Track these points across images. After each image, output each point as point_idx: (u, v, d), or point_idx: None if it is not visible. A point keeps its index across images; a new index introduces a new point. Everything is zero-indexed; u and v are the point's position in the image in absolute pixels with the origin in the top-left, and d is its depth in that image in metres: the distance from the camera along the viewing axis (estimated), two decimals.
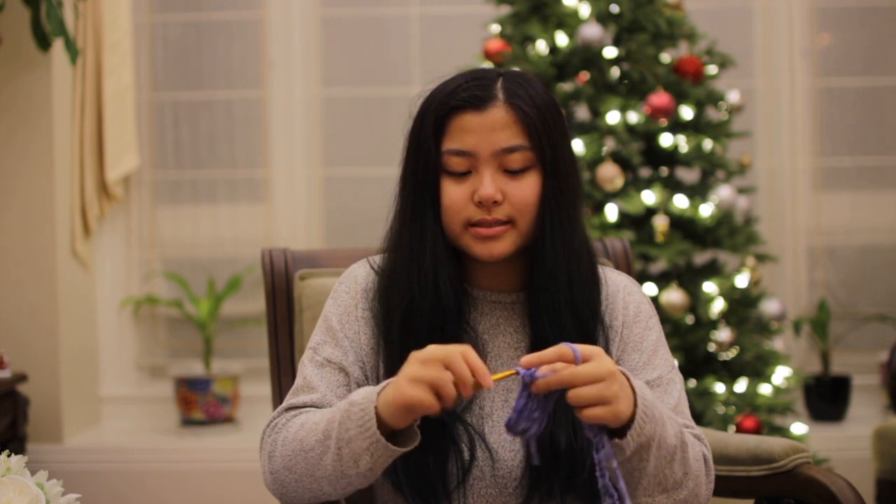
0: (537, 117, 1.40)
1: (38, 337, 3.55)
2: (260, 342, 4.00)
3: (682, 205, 3.14)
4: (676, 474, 1.32)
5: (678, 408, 1.44)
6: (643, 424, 1.25)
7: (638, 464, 1.28)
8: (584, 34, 3.15)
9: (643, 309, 1.51)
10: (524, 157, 1.40)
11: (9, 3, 3.20)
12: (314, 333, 1.51)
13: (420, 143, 1.43)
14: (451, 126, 1.41)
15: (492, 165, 1.40)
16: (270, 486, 1.40)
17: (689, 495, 1.34)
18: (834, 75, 4.04)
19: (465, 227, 1.42)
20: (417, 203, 1.44)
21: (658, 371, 1.46)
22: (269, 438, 1.40)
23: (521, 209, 1.41)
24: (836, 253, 4.06)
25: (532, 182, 1.41)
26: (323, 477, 1.33)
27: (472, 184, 1.41)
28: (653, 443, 1.27)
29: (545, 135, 1.41)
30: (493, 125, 1.39)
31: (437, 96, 1.43)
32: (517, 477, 1.42)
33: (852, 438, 3.56)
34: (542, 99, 1.43)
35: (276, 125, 4.08)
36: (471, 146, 1.40)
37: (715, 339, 3.10)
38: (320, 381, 1.44)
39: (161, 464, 3.65)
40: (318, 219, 4.10)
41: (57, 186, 3.56)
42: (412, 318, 1.42)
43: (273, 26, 4.07)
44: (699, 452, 1.37)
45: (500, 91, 1.41)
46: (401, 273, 1.44)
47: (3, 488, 1.22)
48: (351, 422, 1.28)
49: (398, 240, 1.46)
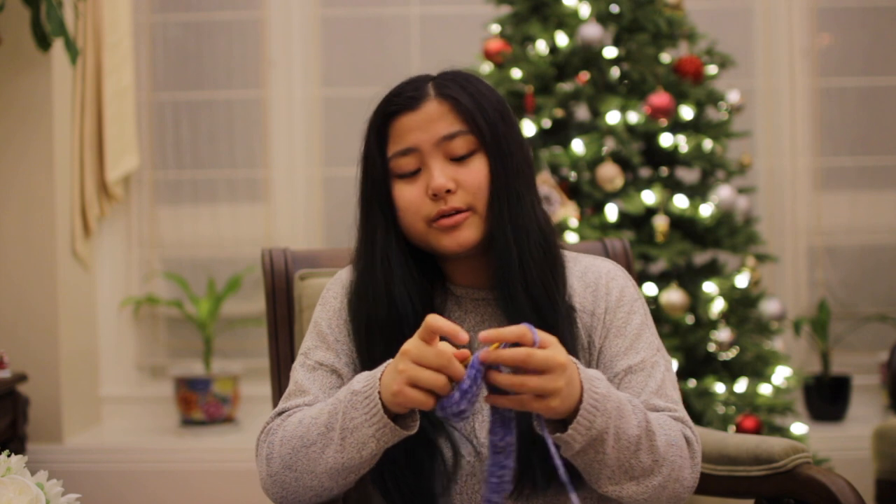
0: (470, 102, 1.44)
1: (38, 337, 3.56)
2: (260, 342, 4.00)
3: (682, 205, 3.14)
4: (644, 463, 1.31)
5: (661, 390, 1.43)
6: (592, 419, 1.25)
7: (595, 456, 1.28)
8: (584, 34, 3.15)
9: (627, 293, 1.50)
10: (466, 141, 1.44)
11: (9, 3, 3.21)
12: (305, 340, 1.52)
13: (367, 155, 1.49)
14: (392, 131, 1.46)
15: (438, 156, 1.44)
16: (269, 489, 1.40)
17: (665, 480, 1.34)
18: (834, 75, 4.05)
19: (428, 225, 1.44)
20: (370, 216, 1.49)
21: (641, 355, 1.45)
22: (265, 442, 1.40)
23: (476, 193, 1.43)
24: (836, 253, 4.06)
25: (480, 165, 1.44)
26: (324, 471, 1.33)
27: (424, 180, 1.44)
28: (607, 435, 1.27)
29: (481, 117, 1.44)
30: (430, 118, 1.44)
31: (377, 109, 1.48)
32: None
33: (852, 438, 3.56)
34: (476, 87, 1.46)
35: (276, 125, 4.09)
36: (412, 142, 1.44)
37: (715, 339, 3.10)
38: (312, 384, 1.45)
39: (161, 464, 3.65)
40: (318, 219, 4.10)
41: (57, 186, 3.56)
42: (373, 328, 1.45)
43: (273, 26, 4.07)
44: (677, 436, 1.36)
45: (430, 88, 1.46)
46: (359, 286, 1.48)
47: (3, 488, 1.22)
48: (356, 410, 1.29)
49: (356, 255, 1.51)
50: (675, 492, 1.35)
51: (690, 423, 1.42)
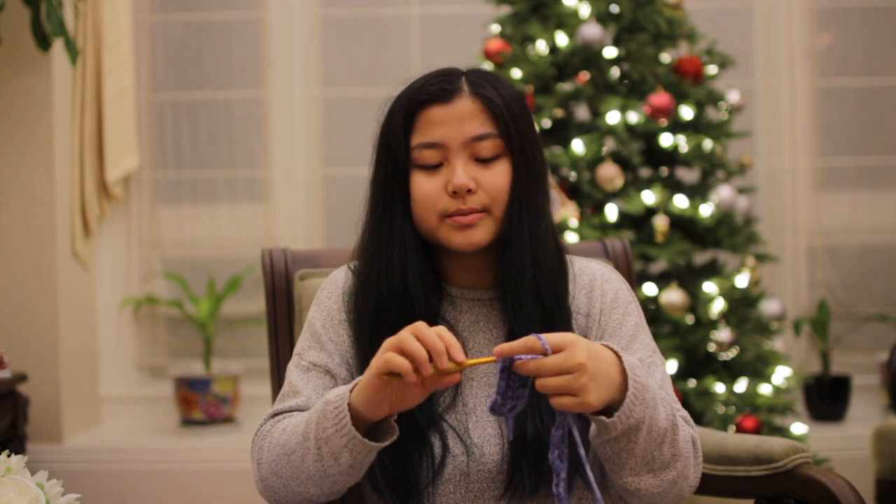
0: (503, 106, 1.43)
1: (38, 337, 3.55)
2: (260, 342, 4.00)
3: (682, 205, 3.14)
4: (665, 456, 1.32)
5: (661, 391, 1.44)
6: (633, 407, 1.26)
7: (626, 445, 1.29)
8: (584, 34, 3.15)
9: (621, 295, 1.51)
10: (494, 144, 1.43)
11: (9, 3, 3.20)
12: (299, 340, 1.52)
13: (389, 141, 1.45)
14: (420, 120, 1.44)
15: (463, 155, 1.42)
16: (262, 492, 1.41)
17: (677, 476, 1.34)
18: (834, 75, 4.04)
19: (441, 219, 1.43)
20: (388, 201, 1.46)
21: (638, 355, 1.45)
22: (257, 445, 1.41)
23: (495, 196, 1.43)
24: (836, 253, 4.06)
25: (503, 169, 1.43)
26: (308, 478, 1.34)
27: (445, 175, 1.43)
28: (643, 426, 1.27)
29: (512, 123, 1.44)
30: (461, 115, 1.42)
31: (404, 95, 1.46)
32: (498, 472, 1.42)
33: (852, 438, 3.56)
34: (507, 90, 1.46)
35: (276, 125, 4.09)
36: (440, 137, 1.42)
37: (715, 339, 3.10)
38: (305, 385, 1.45)
39: (161, 464, 3.65)
40: (318, 219, 4.10)
41: (57, 186, 3.56)
42: (381, 315, 1.44)
43: (273, 26, 4.07)
44: (688, 435, 1.37)
45: (465, 84, 1.44)
46: (370, 273, 1.46)
47: (3, 488, 1.22)
48: (327, 420, 1.29)
49: (368, 241, 1.48)
50: (681, 489, 1.36)
51: (693, 424, 1.42)
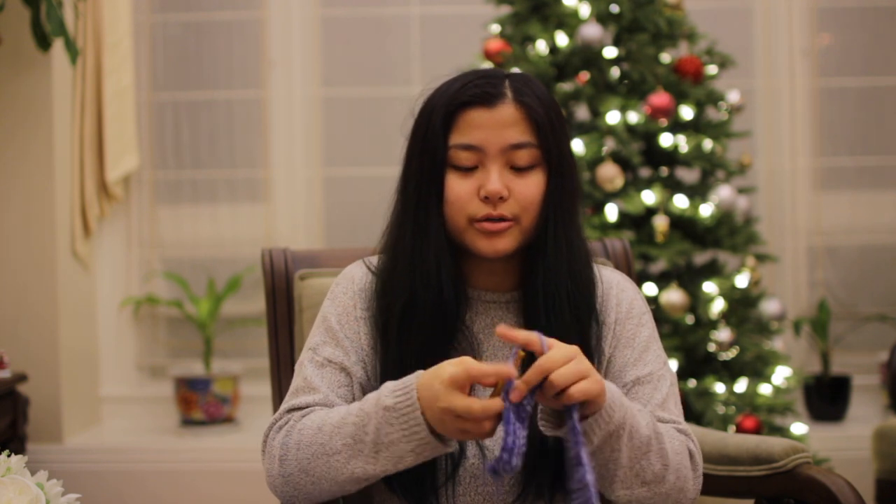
0: (545, 116, 1.42)
1: (38, 337, 3.55)
2: (260, 342, 4.00)
3: (682, 205, 3.14)
4: (654, 466, 1.32)
5: (665, 404, 1.45)
6: (611, 411, 1.26)
7: (610, 454, 1.29)
8: (584, 34, 3.15)
9: (636, 306, 1.51)
10: (531, 154, 1.42)
11: (9, 3, 3.21)
12: (312, 334, 1.50)
13: (427, 137, 1.44)
14: (460, 121, 1.42)
15: (499, 161, 1.41)
16: (279, 488, 1.38)
17: (671, 489, 1.34)
18: (834, 75, 4.04)
19: (469, 223, 1.42)
20: (422, 197, 1.44)
21: (649, 367, 1.46)
22: (277, 441, 1.38)
23: (526, 206, 1.42)
24: (836, 253, 4.06)
25: (537, 180, 1.43)
26: (347, 479, 1.33)
27: (479, 179, 1.42)
28: (623, 431, 1.28)
29: (551, 133, 1.43)
30: (503, 121, 1.41)
31: (445, 92, 1.44)
32: (512, 475, 1.42)
33: (852, 438, 3.56)
34: (548, 99, 1.45)
35: (276, 125, 4.08)
36: (479, 141, 1.41)
37: (715, 339, 3.10)
38: (321, 382, 1.43)
39: (161, 464, 3.65)
40: (318, 219, 4.10)
41: (57, 186, 3.56)
42: (412, 312, 1.43)
43: (273, 26, 4.07)
44: (681, 446, 1.37)
45: (508, 89, 1.43)
46: (401, 268, 1.45)
47: (3, 488, 1.22)
48: (391, 426, 1.28)
49: (399, 235, 1.46)
50: (678, 501, 1.36)
51: (693, 437, 1.43)
